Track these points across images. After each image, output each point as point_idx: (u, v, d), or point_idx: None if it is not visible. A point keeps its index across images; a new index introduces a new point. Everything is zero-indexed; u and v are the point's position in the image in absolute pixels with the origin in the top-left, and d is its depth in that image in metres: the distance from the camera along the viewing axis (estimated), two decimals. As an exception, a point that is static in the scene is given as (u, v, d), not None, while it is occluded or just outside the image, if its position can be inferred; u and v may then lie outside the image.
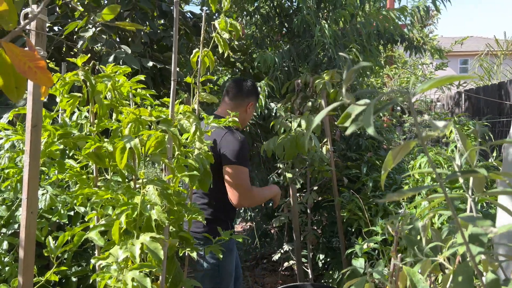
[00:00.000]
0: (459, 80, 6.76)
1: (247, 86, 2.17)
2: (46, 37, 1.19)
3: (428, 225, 0.65)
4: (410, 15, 3.39)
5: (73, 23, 1.47)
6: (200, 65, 1.71)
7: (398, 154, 0.58)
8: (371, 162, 2.98)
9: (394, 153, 0.58)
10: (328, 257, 3.12)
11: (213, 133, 1.97)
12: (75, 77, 1.41)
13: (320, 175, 2.86)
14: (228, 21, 1.64)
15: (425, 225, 0.64)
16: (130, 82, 1.52)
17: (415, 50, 3.98)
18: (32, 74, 0.74)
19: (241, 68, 3.85)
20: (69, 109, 1.46)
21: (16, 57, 0.73)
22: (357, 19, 3.44)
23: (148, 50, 3.06)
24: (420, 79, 6.62)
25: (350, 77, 0.52)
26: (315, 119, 0.59)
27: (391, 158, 0.58)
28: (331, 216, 3.22)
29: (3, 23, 0.81)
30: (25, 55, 0.74)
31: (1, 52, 0.73)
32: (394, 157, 0.59)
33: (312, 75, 2.88)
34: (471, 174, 0.54)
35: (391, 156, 0.57)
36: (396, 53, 7.28)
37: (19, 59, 0.73)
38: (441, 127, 0.46)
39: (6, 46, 0.73)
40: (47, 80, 0.76)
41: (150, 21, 3.10)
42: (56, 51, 3.06)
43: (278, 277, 3.57)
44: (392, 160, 0.59)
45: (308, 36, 3.21)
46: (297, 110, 2.91)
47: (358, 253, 1.79)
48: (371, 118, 0.48)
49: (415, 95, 0.49)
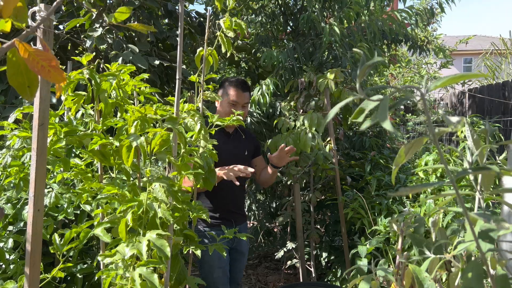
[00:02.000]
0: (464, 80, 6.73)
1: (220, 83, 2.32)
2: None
3: (439, 221, 0.65)
4: (416, 15, 3.38)
5: (74, 20, 1.47)
6: (204, 63, 1.71)
7: (410, 149, 0.58)
8: (375, 161, 2.97)
9: (406, 149, 0.58)
10: (332, 256, 3.11)
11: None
12: (80, 75, 1.42)
13: (323, 173, 2.86)
14: (233, 20, 1.64)
15: (435, 221, 0.64)
16: (134, 81, 1.52)
17: (419, 49, 3.98)
18: (45, 73, 0.74)
19: (245, 67, 3.85)
20: (74, 107, 1.47)
21: (30, 56, 0.73)
22: (361, 18, 3.44)
23: (154, 49, 3.07)
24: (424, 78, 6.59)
25: (364, 72, 0.52)
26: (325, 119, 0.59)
27: (403, 153, 0.58)
28: (335, 215, 3.22)
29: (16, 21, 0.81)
30: (39, 55, 0.74)
31: (15, 52, 0.74)
32: (406, 153, 0.59)
33: (316, 74, 2.88)
34: (483, 171, 0.54)
35: (403, 152, 0.57)
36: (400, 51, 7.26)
37: (33, 58, 0.73)
38: (454, 122, 0.46)
39: (20, 46, 0.73)
40: (60, 78, 0.77)
41: (156, 20, 3.11)
42: (61, 50, 3.08)
43: (281, 275, 3.57)
44: (404, 156, 0.59)
45: (314, 34, 3.21)
46: (300, 108, 2.91)
47: (361, 254, 1.78)
48: (386, 112, 0.47)
49: (428, 91, 0.49)
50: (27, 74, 0.74)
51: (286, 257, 3.20)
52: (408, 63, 6.79)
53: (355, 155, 3.22)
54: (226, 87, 2.23)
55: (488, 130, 0.61)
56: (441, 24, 28.44)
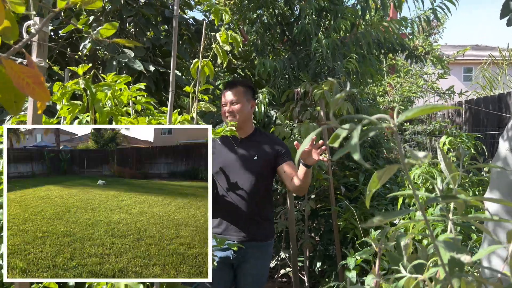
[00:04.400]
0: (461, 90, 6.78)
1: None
2: (50, 41, 1.21)
3: (410, 244, 0.67)
4: (410, 25, 3.42)
5: (71, 25, 1.50)
6: (199, 74, 1.74)
7: (382, 177, 0.60)
8: (369, 172, 2.99)
9: (378, 175, 0.60)
10: (325, 265, 3.13)
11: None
12: (75, 86, 1.44)
13: (318, 183, 2.88)
14: (229, 34, 1.67)
15: (406, 244, 0.66)
16: (130, 91, 1.55)
17: (416, 59, 4.01)
18: (30, 90, 0.76)
19: (242, 74, 3.88)
20: (69, 117, 1.49)
21: (15, 73, 0.75)
22: (357, 29, 3.47)
23: (150, 55, 3.10)
24: (423, 87, 6.63)
25: (336, 103, 0.54)
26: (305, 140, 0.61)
27: (376, 180, 0.60)
28: (329, 224, 3.23)
29: (4, 39, 0.83)
30: (24, 71, 0.76)
31: (1, 69, 0.76)
32: (379, 179, 0.60)
33: (311, 84, 2.91)
34: (452, 199, 0.56)
35: (376, 178, 0.59)
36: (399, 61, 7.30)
37: (18, 75, 0.75)
38: (421, 157, 0.48)
39: (6, 63, 0.75)
40: (45, 96, 0.79)
41: (153, 26, 3.13)
42: (60, 56, 3.10)
43: (275, 283, 3.58)
44: (377, 181, 0.61)
45: (309, 44, 3.24)
46: (296, 118, 2.93)
47: (349, 266, 1.80)
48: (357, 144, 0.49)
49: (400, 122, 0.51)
50: (14, 90, 0.76)
51: (280, 266, 3.21)
52: (407, 73, 6.83)
53: (349, 165, 3.24)
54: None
55: (462, 154, 0.63)
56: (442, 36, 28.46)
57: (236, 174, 2.08)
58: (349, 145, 0.54)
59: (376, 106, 4.18)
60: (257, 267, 2.08)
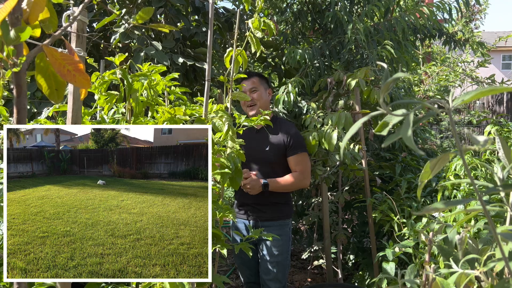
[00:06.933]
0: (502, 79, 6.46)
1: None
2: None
3: (465, 238, 0.62)
4: (448, 9, 3.27)
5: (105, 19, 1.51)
6: (233, 64, 1.72)
7: (436, 165, 0.56)
8: (405, 163, 2.90)
9: (432, 164, 0.56)
10: (359, 258, 3.07)
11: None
12: (113, 76, 1.45)
13: (352, 174, 2.82)
14: (261, 20, 1.64)
15: (462, 238, 0.61)
16: (164, 81, 1.55)
17: (454, 44, 3.83)
18: (71, 77, 0.76)
19: (272, 63, 3.84)
20: (107, 107, 1.51)
21: (56, 61, 0.76)
22: (392, 14, 3.35)
23: (180, 46, 3.10)
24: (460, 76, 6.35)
25: (387, 88, 0.51)
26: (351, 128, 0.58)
27: (429, 169, 0.56)
28: (362, 216, 3.17)
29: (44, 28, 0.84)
30: (65, 59, 0.77)
31: (43, 56, 0.76)
32: (432, 168, 0.57)
33: (345, 73, 2.84)
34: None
35: (429, 168, 0.55)
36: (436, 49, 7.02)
37: (59, 63, 0.76)
38: (481, 142, 0.44)
39: (47, 50, 0.76)
40: (86, 83, 0.79)
41: (183, 17, 3.14)
42: (94, 48, 3.16)
43: (307, 275, 3.56)
44: (430, 172, 0.57)
45: (340, 32, 3.16)
46: (329, 107, 2.87)
47: (388, 257, 1.75)
48: (409, 130, 0.46)
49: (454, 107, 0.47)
50: (55, 78, 0.76)
51: (312, 257, 3.19)
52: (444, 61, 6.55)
53: (385, 156, 3.16)
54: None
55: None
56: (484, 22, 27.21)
57: (253, 159, 2.28)
58: (401, 131, 0.51)
59: (412, 95, 4.04)
60: (277, 245, 2.27)
